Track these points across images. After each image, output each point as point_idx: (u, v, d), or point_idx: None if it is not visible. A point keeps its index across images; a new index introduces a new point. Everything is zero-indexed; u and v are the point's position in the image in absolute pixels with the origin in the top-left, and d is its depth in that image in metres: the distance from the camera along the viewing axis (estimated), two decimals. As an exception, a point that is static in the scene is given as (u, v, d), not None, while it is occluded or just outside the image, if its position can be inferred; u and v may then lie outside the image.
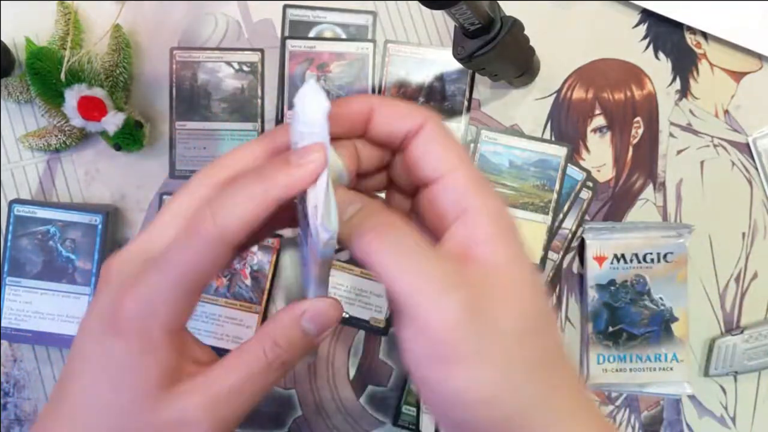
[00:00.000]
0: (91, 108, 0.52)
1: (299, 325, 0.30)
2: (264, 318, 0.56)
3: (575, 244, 0.55)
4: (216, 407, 0.28)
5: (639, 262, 0.54)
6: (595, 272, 0.54)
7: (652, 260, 0.54)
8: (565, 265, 0.55)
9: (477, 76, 0.56)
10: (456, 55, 0.46)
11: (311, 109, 0.28)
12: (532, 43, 0.50)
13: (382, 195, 0.35)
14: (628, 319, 0.54)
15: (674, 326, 0.53)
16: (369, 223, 0.29)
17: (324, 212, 0.27)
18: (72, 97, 0.52)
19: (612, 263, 0.54)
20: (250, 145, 0.31)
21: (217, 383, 0.29)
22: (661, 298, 0.54)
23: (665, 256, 0.53)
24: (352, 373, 0.56)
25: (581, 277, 0.55)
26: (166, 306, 0.28)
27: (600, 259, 0.54)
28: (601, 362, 0.54)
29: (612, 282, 0.54)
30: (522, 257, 0.29)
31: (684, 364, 0.53)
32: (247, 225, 0.27)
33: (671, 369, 0.53)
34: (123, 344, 0.28)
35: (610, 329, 0.54)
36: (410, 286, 0.27)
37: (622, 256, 0.54)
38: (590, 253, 0.54)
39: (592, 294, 0.54)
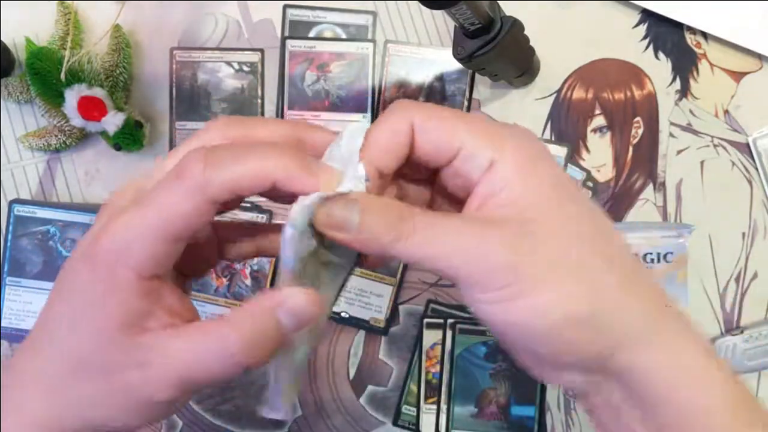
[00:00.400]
0: (91, 108, 0.52)
1: (273, 317, 0.27)
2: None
3: (575, 244, 0.55)
4: (174, 378, 0.27)
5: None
6: (595, 272, 0.54)
7: (653, 260, 0.53)
8: (565, 265, 0.55)
9: (477, 76, 0.56)
10: (456, 55, 0.46)
11: (349, 147, 0.28)
12: (532, 43, 0.50)
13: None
14: (628, 319, 0.54)
15: (674, 326, 0.53)
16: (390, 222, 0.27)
17: (298, 211, 0.27)
18: (72, 97, 0.52)
19: (612, 263, 0.54)
20: (282, 123, 0.31)
21: (185, 363, 0.27)
22: (661, 298, 0.53)
23: (665, 256, 0.53)
24: (352, 373, 0.56)
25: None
26: (140, 247, 0.27)
27: (600, 259, 0.54)
28: (601, 362, 0.54)
29: (612, 282, 0.54)
30: (543, 178, 0.28)
31: (684, 364, 0.53)
32: (235, 189, 0.26)
33: (671, 369, 0.53)
34: (92, 278, 0.27)
35: (610, 329, 0.54)
36: (450, 260, 0.26)
37: (622, 256, 0.54)
38: (590, 253, 0.54)
39: (592, 294, 0.54)
